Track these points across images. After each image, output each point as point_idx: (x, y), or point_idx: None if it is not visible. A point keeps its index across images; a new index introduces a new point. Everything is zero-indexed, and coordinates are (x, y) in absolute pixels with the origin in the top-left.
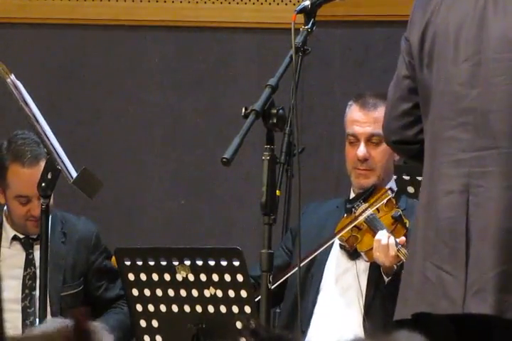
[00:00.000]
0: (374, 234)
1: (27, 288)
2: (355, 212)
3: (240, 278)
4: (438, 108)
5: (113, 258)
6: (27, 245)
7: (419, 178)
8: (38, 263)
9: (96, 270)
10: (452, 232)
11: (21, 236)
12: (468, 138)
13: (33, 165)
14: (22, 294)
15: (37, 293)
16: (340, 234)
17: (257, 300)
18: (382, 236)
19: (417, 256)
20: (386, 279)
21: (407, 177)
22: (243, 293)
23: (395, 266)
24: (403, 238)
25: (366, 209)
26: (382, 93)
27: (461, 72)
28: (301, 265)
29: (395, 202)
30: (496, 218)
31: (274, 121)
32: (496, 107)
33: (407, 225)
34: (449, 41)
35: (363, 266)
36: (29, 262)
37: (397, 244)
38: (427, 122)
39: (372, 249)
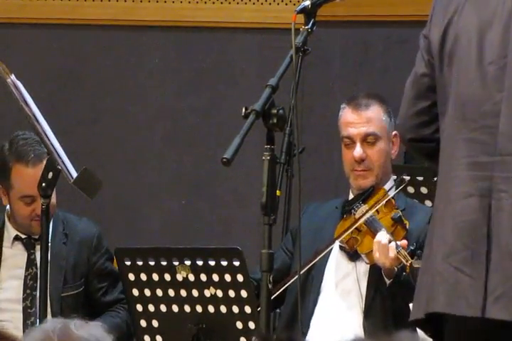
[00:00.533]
0: (374, 235)
1: (28, 288)
2: (354, 214)
3: (240, 278)
4: (458, 109)
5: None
6: (29, 245)
7: (420, 178)
8: (39, 264)
9: (97, 272)
10: (473, 235)
11: (23, 237)
12: (491, 141)
13: (36, 165)
14: (23, 294)
15: (38, 293)
16: (340, 239)
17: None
18: (382, 237)
19: (433, 256)
20: (387, 281)
21: (407, 178)
22: (243, 293)
23: (396, 269)
24: (405, 241)
25: (366, 211)
26: (374, 93)
27: (485, 74)
28: (302, 270)
29: (394, 202)
30: None
31: (274, 121)
32: None
33: (407, 226)
34: (473, 43)
35: (363, 268)
36: (31, 262)
37: (397, 246)
38: (444, 122)
39: (372, 251)
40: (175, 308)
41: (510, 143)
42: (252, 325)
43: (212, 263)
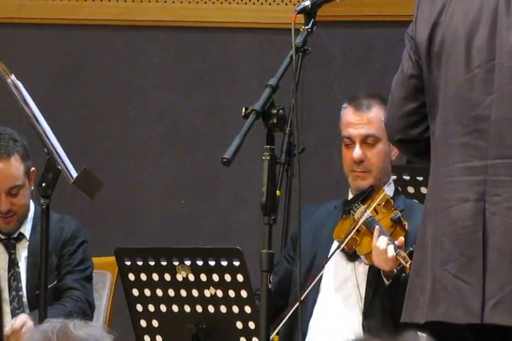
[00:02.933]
0: (373, 235)
1: (13, 289)
2: (353, 214)
3: (240, 278)
4: (448, 113)
5: (111, 257)
6: (9, 246)
7: (420, 178)
8: (20, 263)
9: (64, 260)
10: (469, 241)
11: (3, 237)
12: (484, 145)
13: (2, 160)
14: (9, 296)
15: (24, 293)
16: (343, 246)
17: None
18: (381, 241)
19: (428, 261)
20: (387, 282)
21: (407, 178)
22: (243, 293)
23: (395, 270)
24: (402, 238)
25: (364, 211)
26: (376, 93)
27: (473, 78)
28: (301, 270)
29: (392, 203)
30: None
31: (274, 121)
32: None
33: (406, 227)
34: (460, 45)
35: (362, 268)
36: (12, 263)
37: (395, 248)
38: (434, 124)
39: (371, 252)
40: (175, 308)
41: (501, 147)
42: (252, 325)
43: (212, 263)
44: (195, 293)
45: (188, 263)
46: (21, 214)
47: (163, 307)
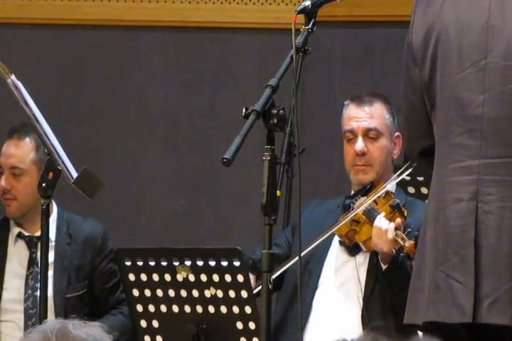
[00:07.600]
0: (372, 224)
1: (30, 288)
2: (353, 207)
3: (240, 278)
4: (445, 113)
5: None
6: (31, 244)
7: (420, 178)
8: (39, 264)
9: (101, 273)
10: (461, 240)
11: (26, 234)
12: (476, 145)
13: (15, 138)
14: (25, 294)
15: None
16: (339, 225)
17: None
18: (381, 221)
19: (427, 261)
20: (384, 267)
21: (407, 178)
22: (244, 294)
23: (393, 251)
24: (398, 220)
25: (364, 201)
26: (379, 92)
27: (466, 77)
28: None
29: (392, 195)
30: (509, 228)
31: (275, 121)
32: (507, 115)
33: (405, 214)
34: (453, 46)
35: (361, 260)
36: (32, 261)
37: (395, 228)
38: (435, 126)
39: (370, 238)
40: (175, 309)
41: (494, 146)
42: (252, 325)
43: (212, 263)
44: (195, 293)
45: (188, 263)
46: (22, 202)
47: (163, 308)
